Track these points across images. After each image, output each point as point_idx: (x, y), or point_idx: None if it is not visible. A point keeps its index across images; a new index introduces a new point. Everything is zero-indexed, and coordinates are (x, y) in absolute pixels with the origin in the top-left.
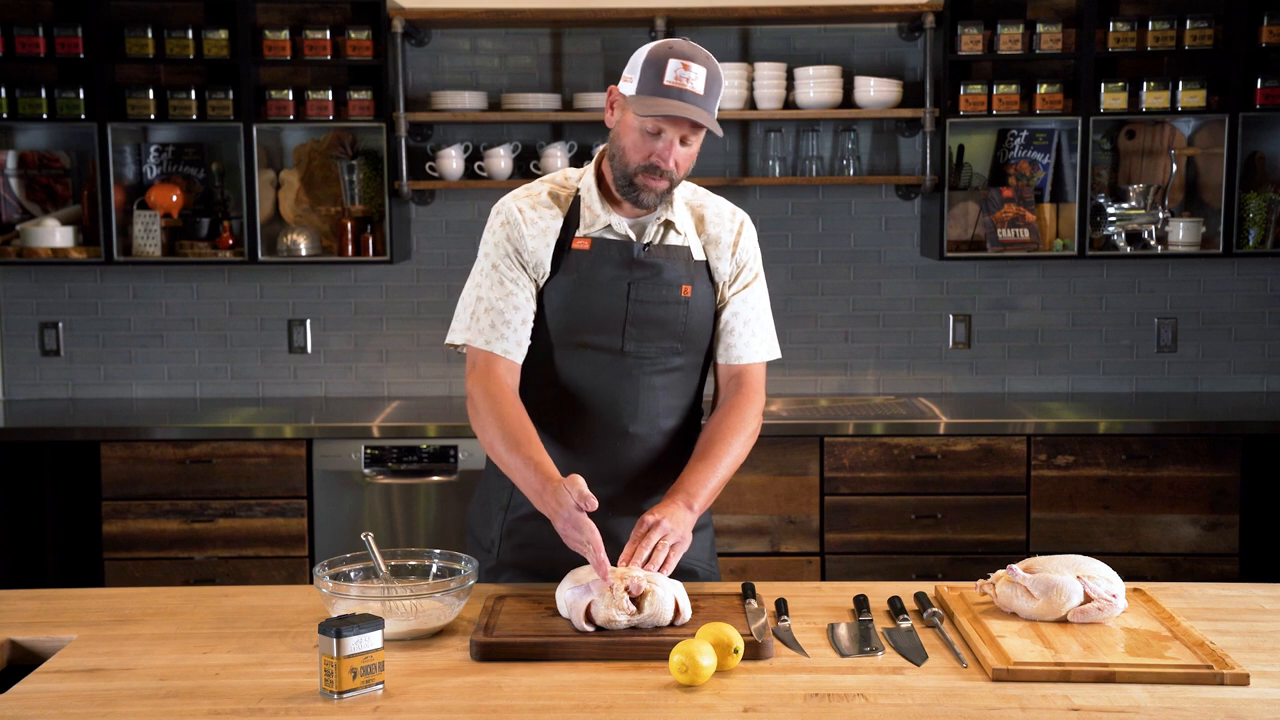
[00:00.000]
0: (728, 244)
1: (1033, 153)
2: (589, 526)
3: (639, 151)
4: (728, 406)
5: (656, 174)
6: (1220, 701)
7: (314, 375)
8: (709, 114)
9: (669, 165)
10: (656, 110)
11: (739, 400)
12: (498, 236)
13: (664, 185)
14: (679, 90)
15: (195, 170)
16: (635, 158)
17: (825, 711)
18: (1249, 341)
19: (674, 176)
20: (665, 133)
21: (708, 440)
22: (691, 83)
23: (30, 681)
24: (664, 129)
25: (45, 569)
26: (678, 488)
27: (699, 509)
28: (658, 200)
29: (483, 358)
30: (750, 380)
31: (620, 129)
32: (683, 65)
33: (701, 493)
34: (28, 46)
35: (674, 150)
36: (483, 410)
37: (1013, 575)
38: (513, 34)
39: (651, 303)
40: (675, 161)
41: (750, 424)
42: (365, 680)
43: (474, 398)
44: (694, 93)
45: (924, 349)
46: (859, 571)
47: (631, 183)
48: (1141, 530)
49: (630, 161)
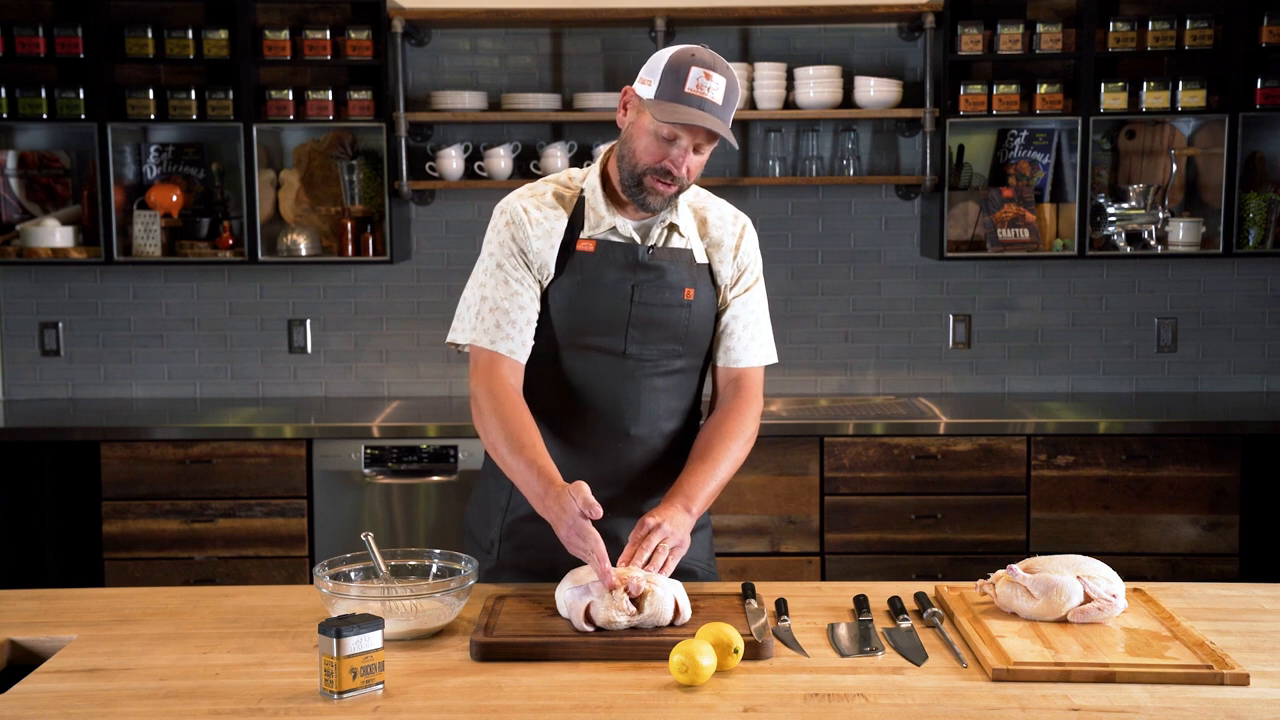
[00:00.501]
0: (730, 247)
1: (1033, 153)
2: (593, 535)
3: (651, 155)
4: (726, 410)
5: (667, 179)
6: (1220, 701)
7: (314, 375)
8: (726, 125)
9: (681, 172)
10: (677, 118)
11: (737, 404)
12: (503, 236)
13: (672, 190)
14: (699, 99)
15: (195, 170)
16: (646, 160)
17: (825, 711)
18: (1249, 341)
19: (683, 183)
20: (681, 140)
21: (706, 443)
22: (712, 92)
23: (30, 681)
24: (680, 136)
25: (45, 569)
26: (676, 490)
27: (697, 512)
28: (663, 204)
29: (486, 357)
30: (748, 384)
31: (634, 130)
32: (705, 74)
33: (700, 495)
34: (28, 46)
35: (687, 157)
36: (486, 410)
37: (1013, 575)
38: (513, 34)
39: (655, 305)
40: (688, 169)
41: (748, 428)
42: (365, 680)
43: (477, 398)
44: (713, 102)
45: (924, 349)
46: (859, 571)
47: (640, 183)
48: (1141, 530)
49: (640, 163)
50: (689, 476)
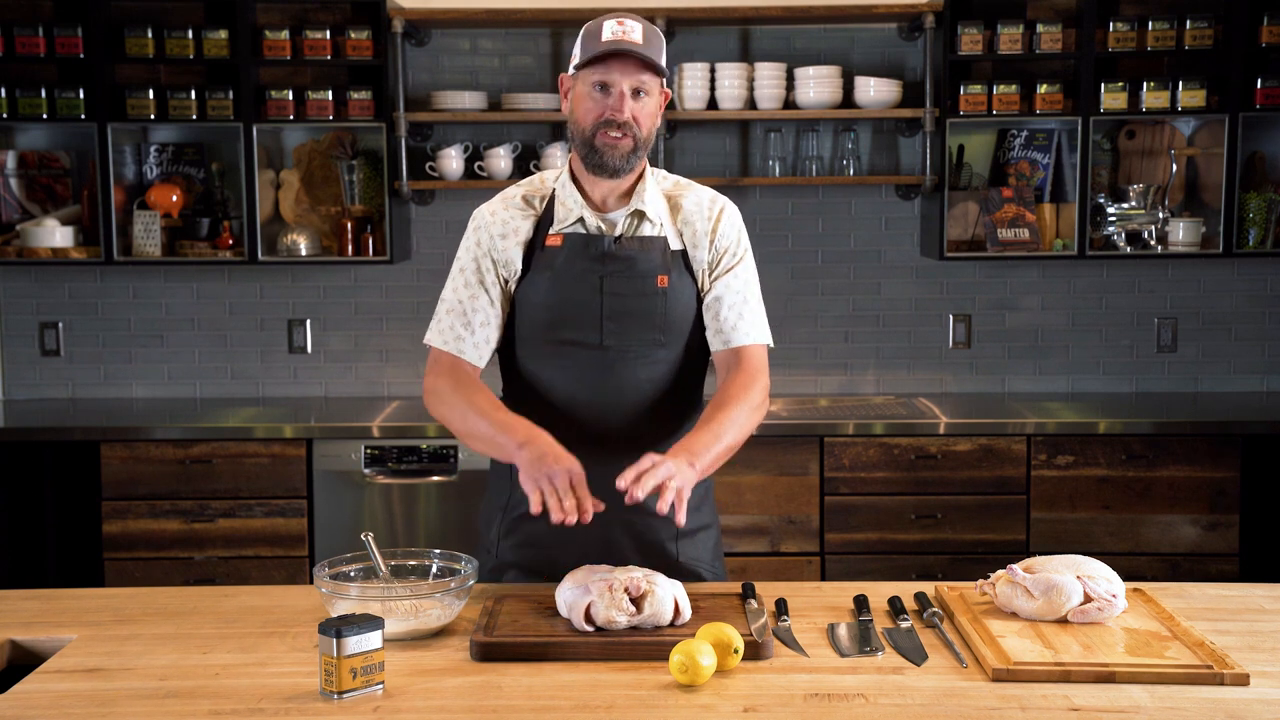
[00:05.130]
0: (704, 231)
1: (1033, 153)
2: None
3: (592, 112)
4: (727, 382)
5: (615, 128)
6: (1220, 701)
7: (314, 375)
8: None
9: (625, 115)
10: (597, 52)
11: (738, 375)
12: (468, 242)
13: (627, 143)
14: (617, 42)
15: (195, 170)
16: (590, 118)
17: (825, 711)
18: (1249, 341)
19: (635, 132)
20: (614, 85)
21: (709, 412)
22: (630, 34)
23: (30, 681)
24: (611, 80)
25: (45, 569)
26: (679, 447)
27: (700, 468)
28: (625, 162)
29: (447, 358)
30: (747, 359)
31: (574, 103)
32: (618, 22)
33: (704, 453)
34: (28, 46)
35: (627, 102)
36: (446, 390)
37: (1013, 575)
38: (513, 34)
39: (627, 295)
40: (634, 115)
41: (753, 396)
42: (365, 680)
43: (437, 389)
44: (633, 41)
45: (924, 349)
46: (859, 571)
47: (593, 145)
48: (1141, 530)
49: (587, 124)
50: (691, 436)
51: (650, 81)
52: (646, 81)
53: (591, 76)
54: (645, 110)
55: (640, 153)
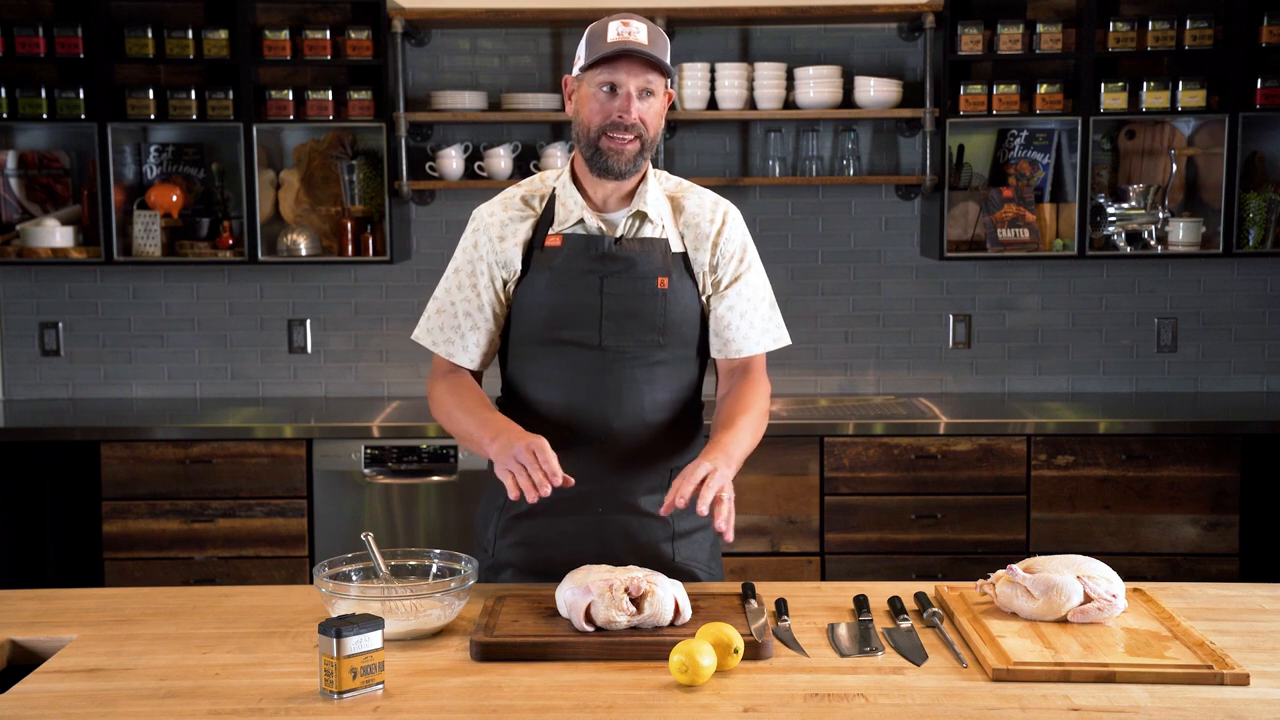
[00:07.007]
0: (707, 234)
1: (1033, 153)
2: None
3: (598, 114)
4: (739, 390)
5: (621, 131)
6: (1220, 701)
7: (314, 375)
8: (657, 57)
9: (632, 117)
10: (603, 54)
11: (748, 383)
12: (466, 242)
13: (633, 145)
14: (623, 43)
15: (195, 170)
16: (596, 120)
17: (825, 711)
18: (1249, 341)
19: (641, 133)
20: (621, 86)
21: (727, 415)
22: (635, 35)
23: (30, 681)
24: (618, 81)
25: (45, 569)
26: (711, 447)
27: (734, 466)
28: (630, 165)
29: (445, 360)
30: (756, 366)
31: (579, 105)
32: (623, 22)
33: (738, 455)
34: (28, 46)
35: (633, 104)
36: (439, 393)
37: (1013, 575)
38: (513, 34)
39: (626, 296)
40: (640, 117)
41: (760, 403)
42: (365, 680)
43: (433, 391)
44: (638, 43)
45: (924, 349)
46: (859, 571)
47: (598, 148)
48: (1141, 530)
49: (592, 126)
50: (717, 438)
51: (656, 82)
52: (653, 82)
53: (598, 77)
54: (652, 111)
55: (646, 154)
